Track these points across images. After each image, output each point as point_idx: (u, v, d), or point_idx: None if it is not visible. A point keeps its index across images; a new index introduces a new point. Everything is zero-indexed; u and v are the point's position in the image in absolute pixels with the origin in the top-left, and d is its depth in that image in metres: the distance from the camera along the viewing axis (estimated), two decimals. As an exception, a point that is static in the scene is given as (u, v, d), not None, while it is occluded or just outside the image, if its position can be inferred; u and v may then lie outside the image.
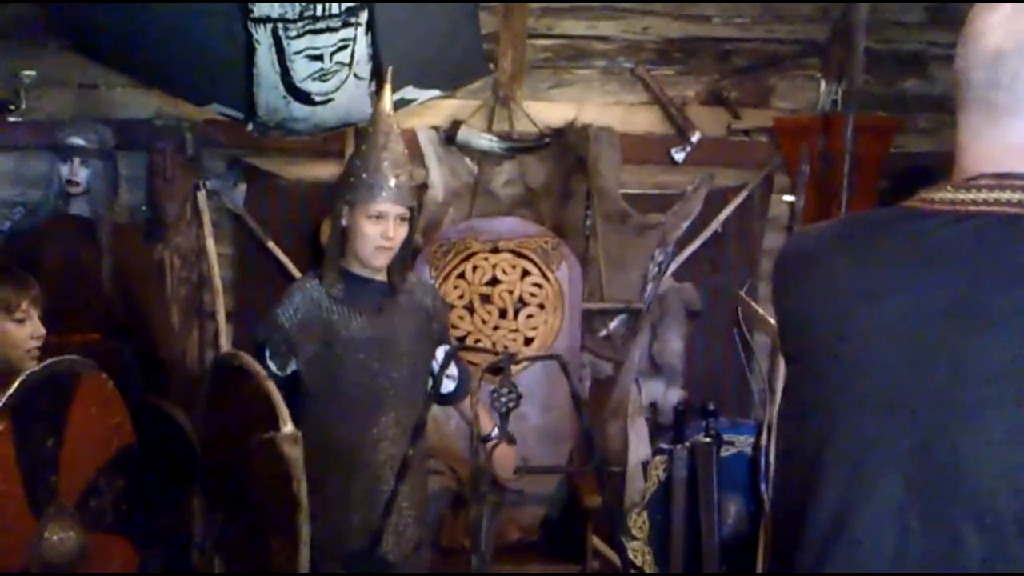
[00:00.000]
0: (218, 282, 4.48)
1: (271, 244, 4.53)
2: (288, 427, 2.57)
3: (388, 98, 3.18)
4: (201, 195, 4.46)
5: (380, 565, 3.06)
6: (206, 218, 4.46)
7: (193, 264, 4.48)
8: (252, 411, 2.68)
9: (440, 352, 3.27)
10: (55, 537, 2.70)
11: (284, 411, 2.60)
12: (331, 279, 3.09)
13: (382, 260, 3.09)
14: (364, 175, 3.04)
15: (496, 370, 2.85)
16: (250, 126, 4.20)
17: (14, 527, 2.64)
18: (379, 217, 3.02)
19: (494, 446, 2.81)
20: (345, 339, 3.06)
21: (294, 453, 2.54)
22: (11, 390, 2.55)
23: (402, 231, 3.08)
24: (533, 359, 3.73)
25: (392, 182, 3.02)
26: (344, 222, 3.09)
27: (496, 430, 2.93)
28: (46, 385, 2.70)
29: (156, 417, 3.98)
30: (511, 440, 2.95)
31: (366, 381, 3.08)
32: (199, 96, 4.27)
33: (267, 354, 3.03)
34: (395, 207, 3.03)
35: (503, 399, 2.68)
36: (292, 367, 3.05)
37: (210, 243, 4.47)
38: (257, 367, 2.76)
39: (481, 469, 2.73)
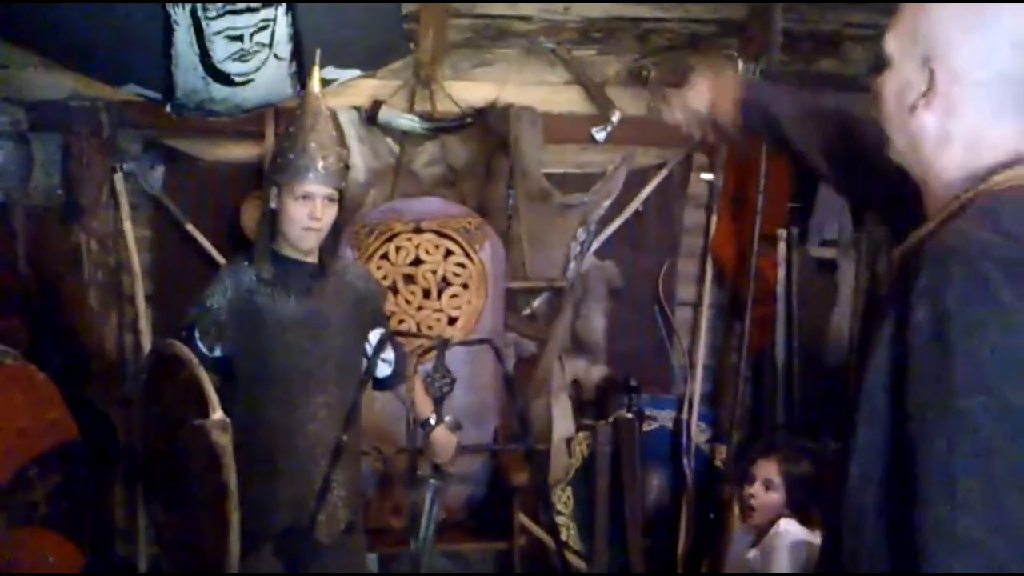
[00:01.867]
0: (137, 265, 4.42)
1: (190, 227, 4.47)
2: (217, 414, 2.56)
3: (317, 80, 3.19)
4: (118, 177, 4.37)
5: (311, 546, 3.08)
6: (123, 201, 4.38)
7: (111, 247, 4.40)
8: (186, 399, 2.67)
9: (374, 335, 3.28)
10: None
11: (213, 398, 2.59)
12: (261, 261, 3.09)
13: (310, 242, 3.09)
14: (291, 156, 3.05)
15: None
16: (168, 107, 4.14)
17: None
18: (306, 198, 3.03)
19: (431, 429, 2.83)
20: (274, 321, 3.07)
21: (222, 440, 2.53)
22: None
23: (330, 212, 3.09)
24: (466, 343, 3.75)
25: (319, 164, 3.03)
26: (273, 204, 3.08)
27: (434, 415, 2.97)
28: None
29: (77, 404, 3.93)
30: (457, 427, 2.98)
31: (295, 363, 3.08)
32: (116, 77, 4.17)
33: (196, 336, 3.03)
34: (322, 188, 3.04)
35: (437, 384, 2.70)
36: (221, 349, 3.06)
37: (128, 226, 4.40)
38: (189, 354, 2.75)
39: (418, 453, 2.76)
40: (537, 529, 4.45)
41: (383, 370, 3.35)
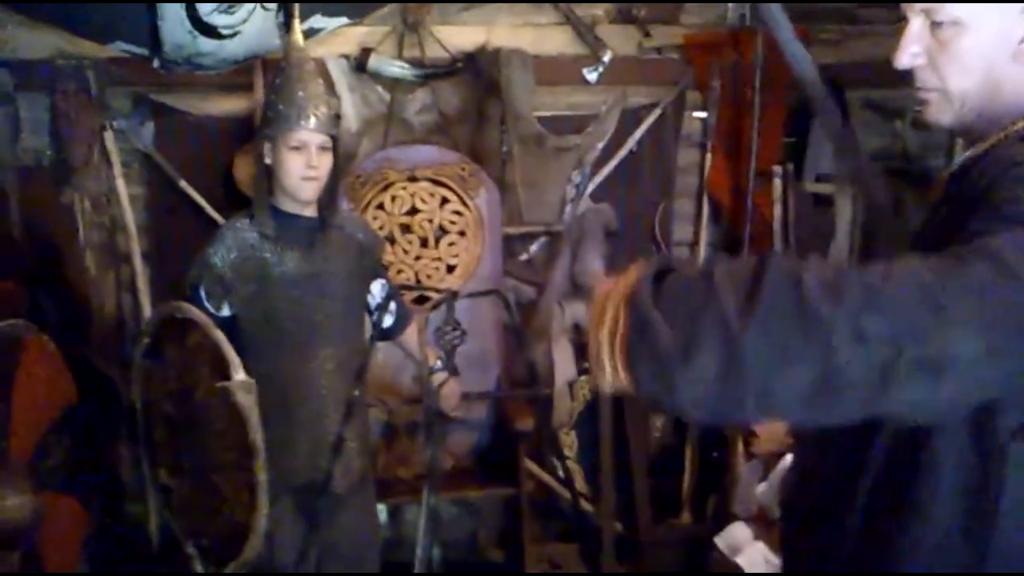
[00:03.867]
0: (132, 224, 4.37)
1: (183, 183, 4.42)
2: (240, 375, 2.58)
3: (298, 30, 3.20)
4: (108, 135, 4.32)
5: (328, 499, 3.10)
6: (115, 159, 4.34)
7: (105, 207, 4.36)
8: (198, 361, 2.67)
9: (377, 287, 3.30)
10: (10, 502, 2.70)
11: (235, 359, 2.61)
12: (261, 217, 3.11)
13: (309, 192, 3.09)
14: (281, 107, 3.05)
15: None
16: (156, 63, 4.09)
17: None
18: (300, 148, 3.04)
19: (444, 381, 2.84)
20: (278, 276, 3.09)
21: (248, 401, 2.55)
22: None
23: (326, 160, 3.10)
24: (474, 295, 3.75)
25: (310, 112, 3.04)
26: (268, 160, 3.08)
27: (439, 362, 2.98)
28: (-9, 351, 2.67)
29: (79, 366, 3.91)
30: (454, 372, 2.99)
31: (301, 317, 3.11)
32: (101, 33, 4.11)
33: (202, 296, 3.04)
34: (315, 135, 3.05)
35: (448, 336, 2.72)
36: (227, 308, 3.07)
37: (121, 184, 4.35)
38: (202, 316, 2.75)
39: (430, 403, 2.78)
40: (544, 474, 4.47)
41: (386, 320, 3.37)
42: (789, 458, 3.40)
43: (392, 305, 3.36)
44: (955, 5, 1.54)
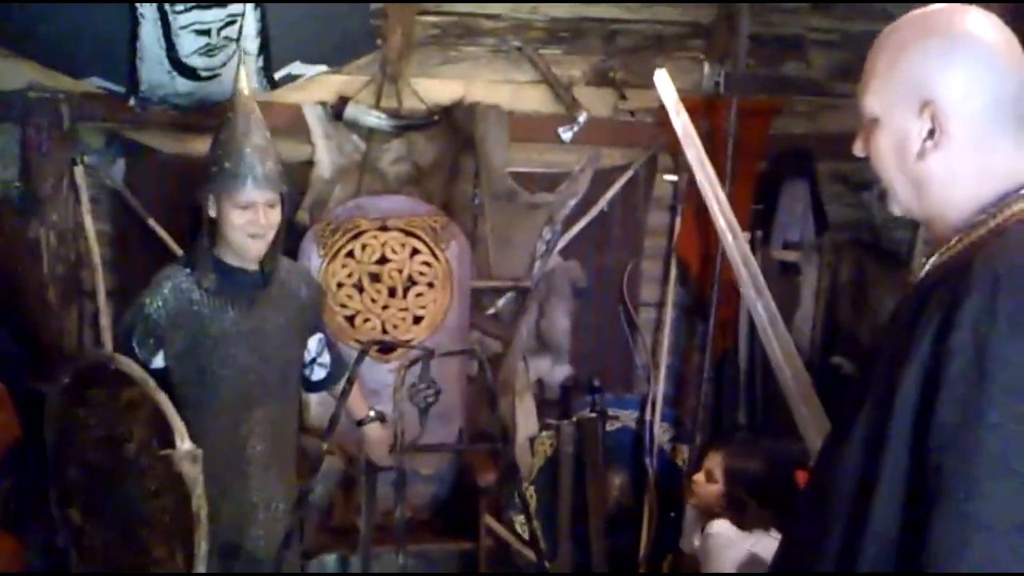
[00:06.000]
0: (97, 260, 4.33)
1: (151, 221, 4.39)
2: (187, 444, 2.51)
3: (245, 80, 3.10)
4: (78, 170, 4.28)
5: (250, 562, 3.04)
6: (83, 194, 4.29)
7: (70, 242, 4.32)
8: (133, 416, 2.59)
9: (313, 342, 3.26)
10: None
11: (180, 426, 2.54)
12: (203, 270, 2.99)
13: (256, 250, 3.01)
14: (227, 164, 2.94)
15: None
16: (132, 101, 4.08)
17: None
18: (247, 207, 2.94)
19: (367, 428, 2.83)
20: (217, 334, 2.98)
21: (193, 472, 2.48)
22: None
23: (274, 216, 3.00)
24: (451, 354, 3.73)
25: (258, 169, 2.94)
26: (212, 213, 2.98)
27: (372, 412, 2.94)
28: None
29: (36, 401, 3.86)
30: (382, 419, 2.96)
31: (237, 377, 3.01)
32: (77, 68, 4.09)
33: (133, 345, 2.92)
34: (263, 194, 2.95)
35: (422, 394, 2.71)
36: (160, 360, 2.95)
37: (88, 220, 4.31)
38: (144, 374, 2.66)
39: (357, 453, 2.76)
40: (503, 529, 4.44)
41: (318, 373, 3.35)
42: (714, 526, 3.43)
43: (325, 358, 3.33)
44: (872, 101, 1.57)
